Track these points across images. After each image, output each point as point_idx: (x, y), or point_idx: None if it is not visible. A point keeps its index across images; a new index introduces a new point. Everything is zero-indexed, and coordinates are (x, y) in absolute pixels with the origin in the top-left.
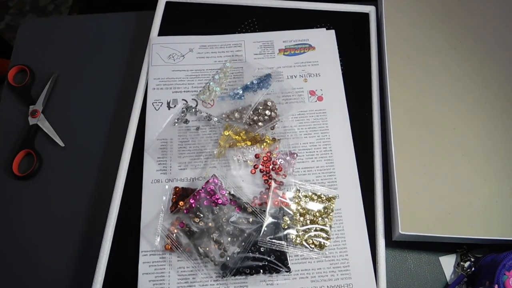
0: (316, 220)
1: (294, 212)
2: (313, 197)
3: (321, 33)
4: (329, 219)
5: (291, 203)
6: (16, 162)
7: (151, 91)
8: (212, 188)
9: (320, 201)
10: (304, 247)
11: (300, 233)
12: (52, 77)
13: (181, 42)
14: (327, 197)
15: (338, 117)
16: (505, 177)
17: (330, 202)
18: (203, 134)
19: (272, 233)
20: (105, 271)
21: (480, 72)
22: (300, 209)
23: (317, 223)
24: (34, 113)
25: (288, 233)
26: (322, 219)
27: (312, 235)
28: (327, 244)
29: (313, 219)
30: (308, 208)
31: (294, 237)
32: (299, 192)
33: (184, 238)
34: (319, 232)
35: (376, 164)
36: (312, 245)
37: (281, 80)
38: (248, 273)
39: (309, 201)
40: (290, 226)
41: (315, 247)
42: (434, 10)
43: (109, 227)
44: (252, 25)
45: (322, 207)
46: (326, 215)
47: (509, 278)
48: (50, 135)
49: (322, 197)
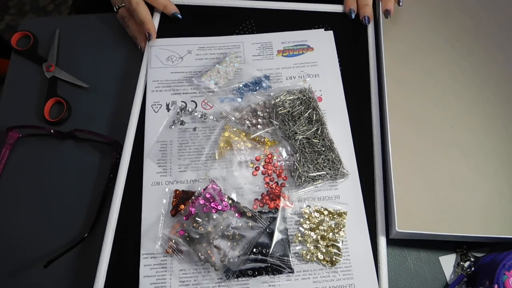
0: (327, 235)
1: (305, 228)
2: (324, 212)
3: (319, 34)
4: (340, 235)
5: (301, 220)
6: (47, 110)
7: (150, 93)
8: (211, 195)
9: (331, 217)
10: (315, 263)
11: (311, 248)
12: (55, 34)
13: (180, 44)
14: (338, 213)
15: (338, 117)
16: (502, 175)
17: (341, 218)
18: (201, 134)
19: (282, 250)
20: (105, 275)
21: (478, 71)
22: (311, 225)
23: (328, 239)
24: (49, 67)
25: (299, 249)
26: (333, 234)
27: (324, 251)
28: (339, 260)
29: (324, 235)
30: (319, 224)
31: (305, 253)
32: (309, 208)
33: (184, 245)
34: (330, 248)
35: (376, 163)
36: (324, 261)
37: (280, 81)
38: (250, 274)
39: (319, 217)
40: (301, 242)
41: (326, 263)
42: (431, 10)
43: (109, 230)
44: (250, 26)
45: (334, 223)
46: (338, 230)
47: (509, 278)
48: (71, 80)
49: (333, 213)
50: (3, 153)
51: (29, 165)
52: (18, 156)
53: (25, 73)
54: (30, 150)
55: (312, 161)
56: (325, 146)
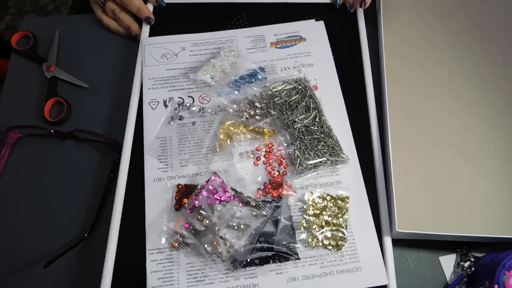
0: (332, 220)
1: (309, 214)
2: (327, 198)
3: (310, 24)
4: (344, 219)
5: (305, 206)
6: (47, 110)
7: (147, 91)
8: (213, 186)
9: (334, 202)
10: (321, 248)
11: (316, 234)
12: (55, 34)
13: (173, 42)
14: (340, 198)
15: (334, 104)
16: (502, 175)
17: (344, 202)
18: (200, 128)
19: (288, 237)
20: (112, 273)
21: (478, 71)
22: (315, 211)
23: (333, 224)
24: (49, 67)
25: (304, 236)
26: (337, 219)
27: (329, 235)
28: (344, 244)
29: (328, 220)
30: (322, 209)
31: (310, 240)
32: (312, 194)
33: (190, 237)
34: (335, 232)
35: (375, 147)
36: (330, 246)
37: (275, 73)
38: (258, 263)
39: (323, 202)
40: (305, 229)
41: (332, 248)
42: (431, 8)
43: (113, 228)
44: (242, 21)
45: (337, 208)
46: (341, 214)
47: (509, 278)
48: (71, 80)
49: (335, 198)
50: (3, 153)
51: (29, 165)
52: (18, 156)
53: (25, 73)
54: (30, 150)
55: (312, 148)
56: (323, 133)
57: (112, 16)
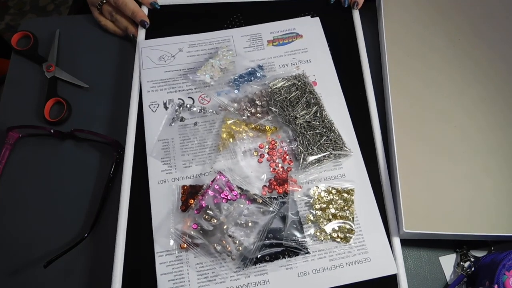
0: (338, 213)
1: (316, 208)
2: (332, 191)
3: (306, 21)
4: (350, 211)
5: (311, 201)
6: (47, 110)
7: (146, 93)
8: (219, 185)
9: (340, 195)
10: (330, 241)
11: (324, 227)
12: (55, 34)
13: (170, 43)
14: (345, 190)
15: (334, 98)
16: (508, 173)
17: (349, 195)
18: (202, 128)
19: (296, 232)
20: (121, 278)
21: (481, 69)
22: (321, 205)
23: (340, 217)
24: (50, 67)
25: (312, 230)
26: (344, 212)
27: (336, 228)
28: (352, 236)
29: (335, 213)
30: (328, 203)
31: (318, 233)
32: (318, 189)
33: (198, 238)
34: (342, 224)
35: (376, 139)
36: (338, 239)
37: (274, 70)
38: (268, 260)
39: (328, 196)
40: (313, 223)
41: (341, 240)
42: (433, 5)
43: (120, 233)
44: (238, 20)
45: (342, 201)
46: (348, 207)
47: (509, 278)
48: (71, 80)
49: (340, 191)
50: (3, 153)
51: (29, 165)
52: (18, 156)
53: (25, 73)
54: (30, 150)
55: (315, 143)
56: (325, 127)
57: (109, 18)
